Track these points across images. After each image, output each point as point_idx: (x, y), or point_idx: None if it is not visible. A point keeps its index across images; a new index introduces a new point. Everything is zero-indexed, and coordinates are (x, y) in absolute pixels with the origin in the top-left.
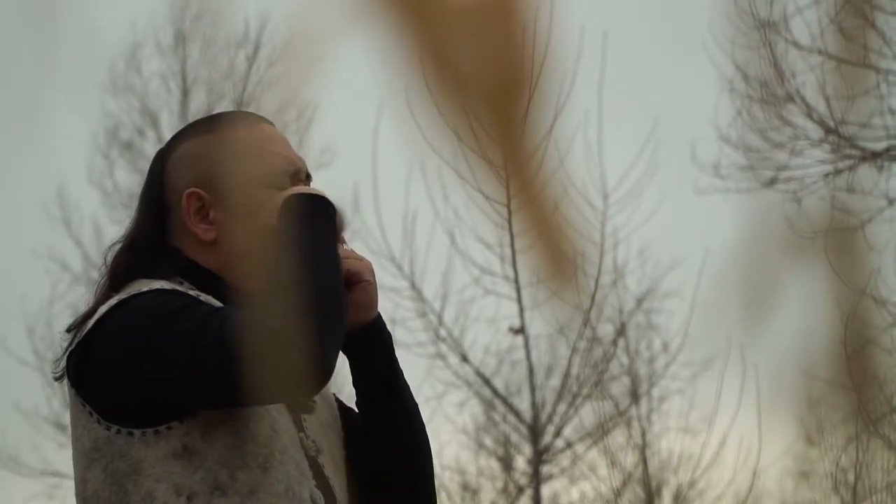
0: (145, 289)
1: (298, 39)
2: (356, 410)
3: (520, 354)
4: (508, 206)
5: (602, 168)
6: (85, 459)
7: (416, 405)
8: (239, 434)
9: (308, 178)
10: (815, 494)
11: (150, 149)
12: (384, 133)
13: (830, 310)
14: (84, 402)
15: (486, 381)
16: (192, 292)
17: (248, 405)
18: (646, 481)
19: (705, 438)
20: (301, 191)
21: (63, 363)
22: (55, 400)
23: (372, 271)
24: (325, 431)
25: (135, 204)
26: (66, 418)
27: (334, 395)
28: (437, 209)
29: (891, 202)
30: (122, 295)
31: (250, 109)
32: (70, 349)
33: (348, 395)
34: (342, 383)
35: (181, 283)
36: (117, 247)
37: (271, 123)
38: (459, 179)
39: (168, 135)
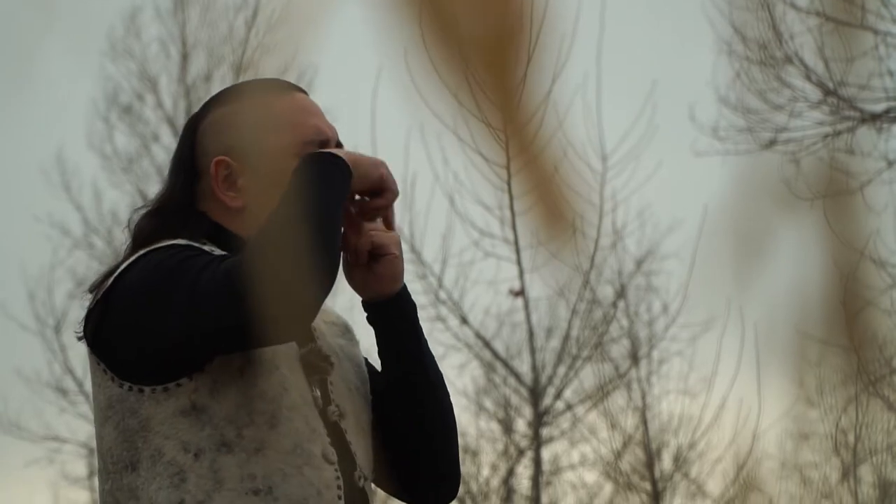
0: (159, 245)
1: (297, 3)
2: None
3: (520, 317)
4: (508, 169)
5: (601, 130)
6: (101, 416)
7: (440, 376)
8: (247, 391)
9: (339, 146)
10: (815, 456)
11: (150, 113)
12: (383, 96)
13: (829, 271)
14: (99, 360)
15: (487, 344)
16: (216, 251)
17: (247, 348)
18: (646, 443)
19: (705, 400)
20: (316, 151)
21: (82, 323)
22: (56, 365)
23: (399, 244)
24: (352, 395)
25: (167, 167)
26: (67, 383)
27: (365, 358)
28: (436, 172)
29: (890, 164)
30: (141, 252)
31: (250, 74)
32: (89, 308)
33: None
34: (371, 345)
35: (204, 244)
36: (144, 210)
37: (304, 92)
38: (459, 142)
39: (168, 99)
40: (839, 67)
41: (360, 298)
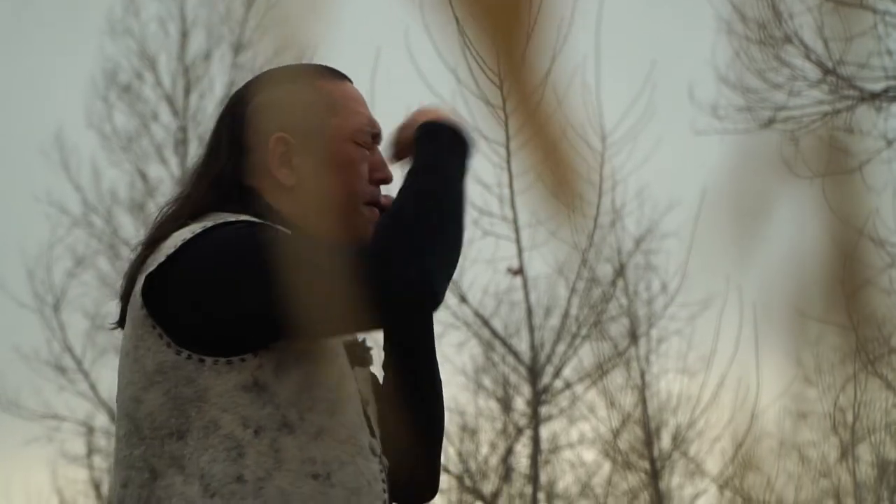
0: (233, 219)
1: None
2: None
3: (518, 295)
4: (507, 147)
5: (600, 109)
6: (144, 380)
7: (437, 373)
8: (310, 375)
9: (380, 139)
10: (813, 434)
11: (149, 92)
12: (383, 75)
13: (828, 250)
14: (155, 324)
15: (485, 322)
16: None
17: (344, 333)
18: (644, 422)
19: (704, 379)
20: (443, 120)
21: (129, 280)
22: (55, 343)
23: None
24: (368, 386)
25: (210, 140)
26: (66, 361)
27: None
28: None
29: (889, 143)
30: (208, 222)
31: (250, 52)
32: (147, 270)
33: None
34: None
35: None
36: (196, 177)
37: (351, 81)
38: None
39: (166, 78)
40: (838, 46)
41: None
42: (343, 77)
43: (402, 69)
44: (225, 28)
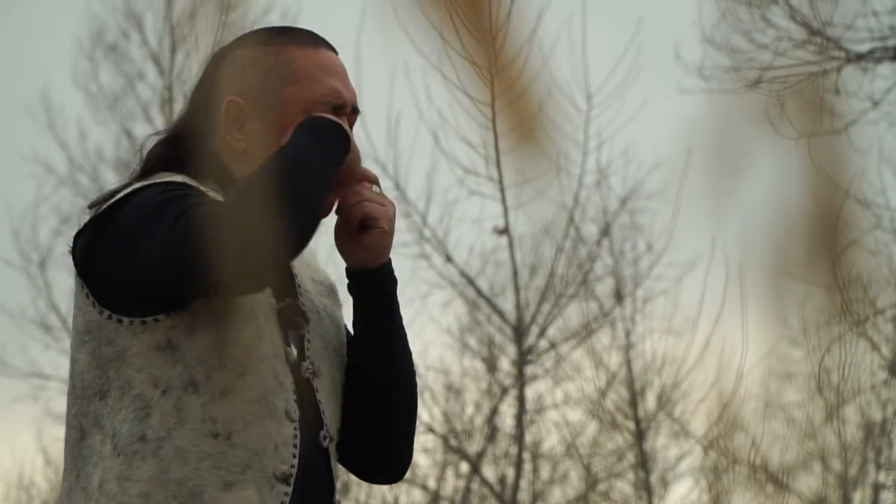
0: (158, 180)
1: None
2: None
3: (504, 255)
4: (493, 107)
5: (586, 68)
6: (77, 340)
7: (409, 357)
8: (222, 336)
9: (354, 111)
10: (799, 396)
11: (135, 51)
12: (368, 33)
13: (814, 211)
14: (83, 284)
15: (471, 282)
16: (210, 194)
17: (209, 294)
18: (630, 382)
19: (689, 339)
20: (318, 115)
21: (73, 241)
22: (40, 301)
23: (391, 220)
24: (329, 355)
25: (187, 98)
26: (52, 319)
27: (345, 325)
28: (420, 109)
29: (875, 104)
30: (137, 184)
31: (236, 12)
32: (81, 228)
33: None
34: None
35: (209, 184)
36: (160, 136)
37: (335, 51)
38: (444, 80)
39: (153, 37)
40: (824, 7)
41: (345, 265)
42: (322, 45)
43: (386, 29)
44: None
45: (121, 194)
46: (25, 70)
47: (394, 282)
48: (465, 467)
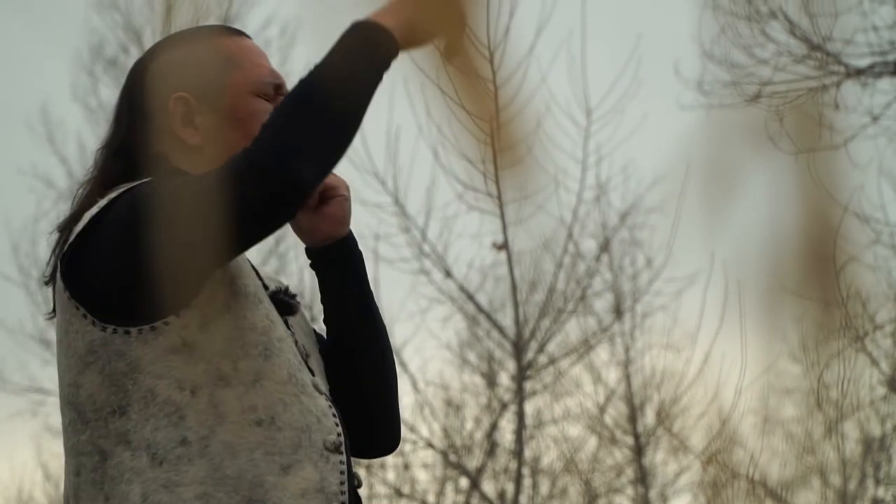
0: (125, 187)
1: None
2: (323, 336)
3: (503, 270)
4: (492, 123)
5: (585, 84)
6: (79, 364)
7: (383, 326)
8: (237, 324)
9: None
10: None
11: None
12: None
13: (813, 226)
14: (77, 305)
15: (470, 297)
16: None
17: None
18: (629, 397)
19: (688, 355)
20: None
21: (52, 266)
22: (40, 317)
23: (347, 186)
24: (311, 339)
25: (113, 112)
26: (51, 335)
27: None
28: (420, 125)
29: (874, 119)
30: (112, 194)
31: (235, 26)
32: (61, 252)
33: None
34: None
35: None
36: (102, 152)
37: (250, 38)
38: (443, 95)
39: None
40: (824, 22)
41: (305, 246)
42: (241, 33)
43: None
44: (211, 1)
45: (96, 210)
46: (25, 84)
47: (360, 253)
48: (464, 482)
